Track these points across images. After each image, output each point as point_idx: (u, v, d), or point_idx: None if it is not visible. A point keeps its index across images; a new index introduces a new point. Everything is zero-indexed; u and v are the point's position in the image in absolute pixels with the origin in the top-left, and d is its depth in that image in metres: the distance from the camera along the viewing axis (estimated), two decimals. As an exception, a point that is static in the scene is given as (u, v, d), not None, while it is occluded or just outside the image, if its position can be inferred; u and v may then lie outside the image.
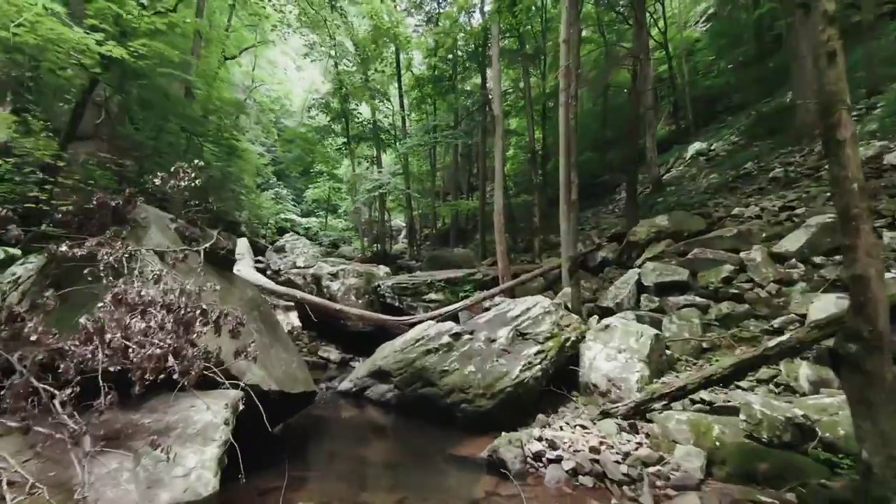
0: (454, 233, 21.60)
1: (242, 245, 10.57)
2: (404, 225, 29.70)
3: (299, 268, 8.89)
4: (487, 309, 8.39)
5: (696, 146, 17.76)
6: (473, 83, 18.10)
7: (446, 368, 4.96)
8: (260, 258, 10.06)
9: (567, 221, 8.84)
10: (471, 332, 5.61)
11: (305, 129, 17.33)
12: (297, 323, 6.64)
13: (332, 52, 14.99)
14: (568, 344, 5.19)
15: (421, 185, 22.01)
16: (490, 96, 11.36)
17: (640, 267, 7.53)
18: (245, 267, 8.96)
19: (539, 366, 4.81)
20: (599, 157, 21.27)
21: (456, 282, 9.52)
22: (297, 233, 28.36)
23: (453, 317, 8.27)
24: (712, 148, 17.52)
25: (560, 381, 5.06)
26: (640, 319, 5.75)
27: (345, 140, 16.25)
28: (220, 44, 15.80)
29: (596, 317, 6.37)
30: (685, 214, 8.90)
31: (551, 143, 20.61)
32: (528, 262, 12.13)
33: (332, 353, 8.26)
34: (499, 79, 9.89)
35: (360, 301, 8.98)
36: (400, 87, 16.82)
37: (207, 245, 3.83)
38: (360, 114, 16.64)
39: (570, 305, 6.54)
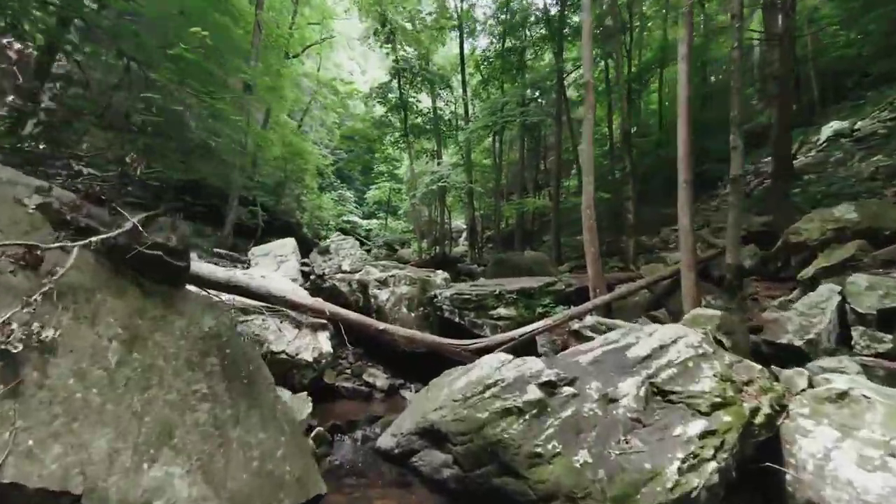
0: (519, 234, 19.39)
1: (289, 245, 9.32)
2: (464, 226, 28.01)
3: (345, 272, 7.32)
4: (577, 333, 6.21)
5: (835, 126, 13.95)
6: (544, 66, 15.84)
7: (539, 451, 2.94)
8: (305, 261, 8.69)
9: (687, 213, 6.40)
10: (571, 381, 3.53)
11: (364, 124, 16.20)
12: (325, 348, 4.96)
13: (392, 37, 13.61)
14: (758, 421, 2.90)
15: (483, 182, 20.08)
16: (563, 75, 9.19)
17: (823, 280, 4.89)
18: (277, 273, 7.62)
19: (713, 462, 2.60)
20: (697, 145, 17.87)
21: (531, 293, 7.42)
22: (358, 235, 27.90)
23: (527, 343, 6.20)
24: (857, 128, 13.63)
25: (745, 492, 2.81)
26: (868, 373, 3.29)
27: (402, 133, 14.79)
28: (280, 37, 15.19)
29: (787, 370, 3.91)
30: (881, 204, 5.98)
31: (635, 133, 17.64)
32: (619, 269, 9.64)
33: (379, 378, 6.57)
34: (590, 37, 7.66)
35: (412, 314, 7.23)
36: (463, 72, 15.03)
37: (103, 237, 2.23)
38: (420, 101, 15.09)
39: (723, 340, 4.18)
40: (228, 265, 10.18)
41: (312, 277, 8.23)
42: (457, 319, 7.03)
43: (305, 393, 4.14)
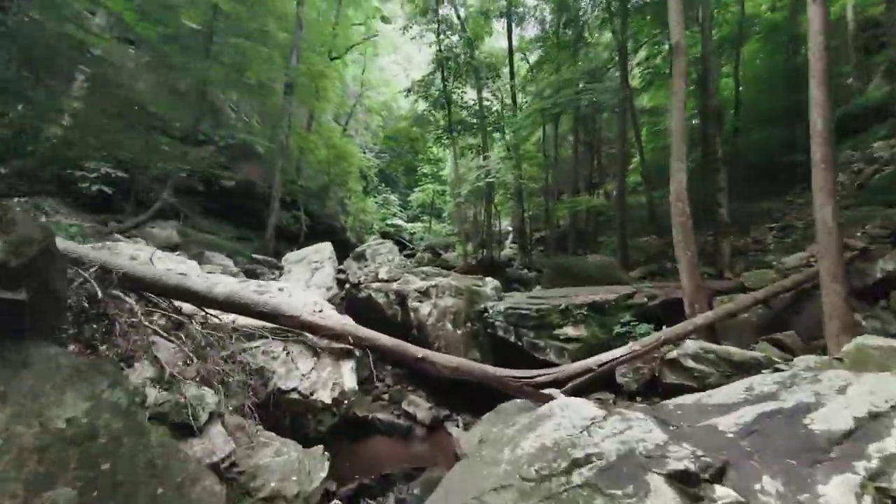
0: (573, 235, 17.64)
1: (324, 251, 8.49)
2: (510, 228, 26.49)
3: (382, 280, 6.30)
4: (673, 363, 4.70)
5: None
6: (601, 48, 14.10)
7: None
8: (342, 267, 7.77)
9: (829, 202, 4.73)
10: (720, 472, 2.15)
11: (406, 122, 15.36)
12: (349, 384, 3.88)
13: (436, 27, 12.59)
14: None
15: (532, 180, 18.54)
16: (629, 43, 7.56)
17: None
18: (313, 279, 6.74)
19: None
20: (784, 131, 15.25)
21: (604, 307, 5.96)
22: (402, 238, 27.30)
23: (605, 377, 4.77)
24: None
25: None
26: None
27: (445, 129, 13.71)
28: (323, 35, 14.75)
29: None
30: None
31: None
32: (712, 276, 7.86)
33: (421, 408, 5.46)
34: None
35: (458, 331, 6.04)
36: (511, 57, 13.67)
37: None
38: (465, 93, 13.91)
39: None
40: (266, 272, 9.59)
41: (347, 286, 7.29)
42: (512, 339, 5.75)
43: (321, 448, 3.07)
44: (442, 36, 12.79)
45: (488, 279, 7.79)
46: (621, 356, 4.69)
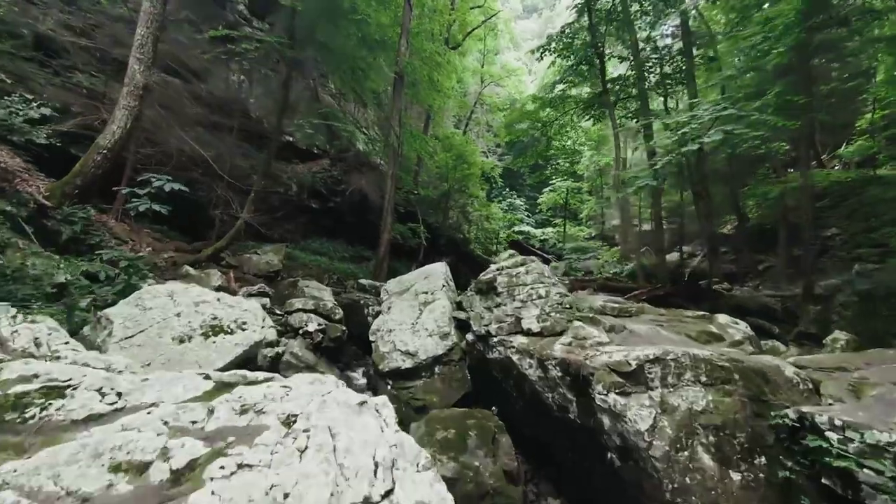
0: (785, 229, 11.71)
1: (437, 275, 5.83)
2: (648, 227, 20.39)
3: (531, 333, 3.11)
4: None
5: None
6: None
7: None
8: (460, 299, 4.90)
9: None
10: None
11: (536, 104, 12.05)
12: None
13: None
14: None
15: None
16: None
17: None
18: (420, 319, 4.00)
19: None
20: None
21: None
22: (532, 246, 23.66)
23: None
24: None
25: None
26: None
27: (597, 93, 9.89)
28: (438, 20, 12.59)
29: None
30: None
31: None
32: None
33: None
34: None
35: (732, 475, 2.45)
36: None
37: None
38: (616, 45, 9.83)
39: None
40: (373, 303, 7.39)
41: (470, 338, 4.34)
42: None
43: None
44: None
45: (741, 326, 3.92)
46: None
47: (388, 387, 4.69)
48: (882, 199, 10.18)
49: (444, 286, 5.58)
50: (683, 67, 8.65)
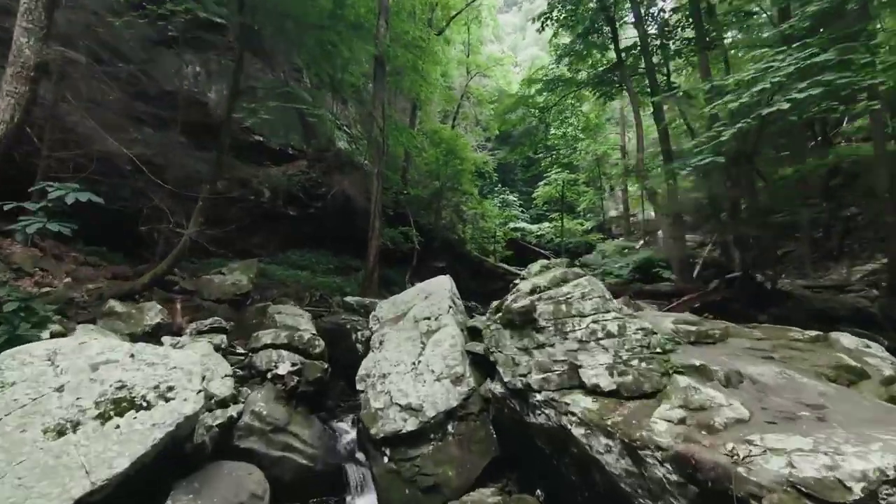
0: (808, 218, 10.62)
1: (441, 294, 4.63)
2: (652, 215, 19.31)
3: (598, 392, 1.79)
4: None
5: None
6: None
7: None
8: (479, 324, 3.57)
9: None
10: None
11: (534, 87, 10.79)
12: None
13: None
14: None
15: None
16: None
17: None
18: (425, 355, 2.70)
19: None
20: None
21: None
22: (527, 244, 22.45)
23: None
24: None
25: None
26: None
27: (609, 67, 8.67)
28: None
29: None
30: None
31: None
32: None
33: None
34: None
35: None
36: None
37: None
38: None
39: None
40: (362, 327, 6.06)
41: (498, 390, 3.07)
42: None
43: None
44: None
45: (871, 347, 2.70)
46: None
47: (385, 458, 3.39)
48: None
49: (450, 308, 4.28)
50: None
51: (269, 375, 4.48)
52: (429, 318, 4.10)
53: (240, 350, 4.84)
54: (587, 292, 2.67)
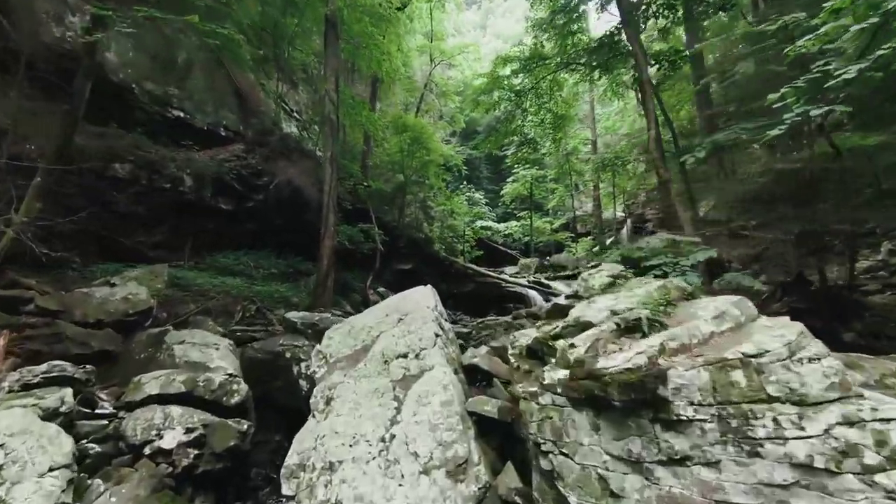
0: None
1: (422, 317, 2.90)
2: (623, 214, 18.87)
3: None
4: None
5: None
6: None
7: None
8: (481, 363, 2.03)
9: None
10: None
11: (512, 63, 9.52)
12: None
13: None
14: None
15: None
16: None
17: None
18: (356, 457, 1.16)
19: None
20: None
21: None
22: (494, 243, 21.38)
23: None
24: None
25: None
26: None
27: (613, 29, 7.54)
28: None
29: None
30: None
31: None
32: None
33: None
34: None
35: None
36: None
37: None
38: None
39: None
40: (307, 356, 4.48)
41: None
42: None
43: None
44: None
45: None
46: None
47: None
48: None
49: (437, 337, 2.85)
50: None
51: (146, 451, 2.81)
52: (405, 356, 2.63)
53: (103, 408, 3.10)
54: (804, 343, 1.15)
